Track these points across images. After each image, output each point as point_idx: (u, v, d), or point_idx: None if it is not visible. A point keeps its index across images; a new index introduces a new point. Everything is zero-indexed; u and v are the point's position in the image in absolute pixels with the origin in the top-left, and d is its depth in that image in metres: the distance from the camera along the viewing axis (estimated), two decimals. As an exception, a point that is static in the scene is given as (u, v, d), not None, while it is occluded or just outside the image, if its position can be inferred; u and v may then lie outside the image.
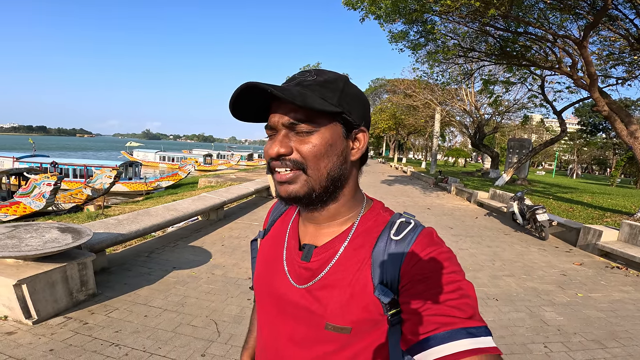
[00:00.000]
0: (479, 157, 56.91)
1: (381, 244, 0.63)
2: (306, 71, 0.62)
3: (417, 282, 0.57)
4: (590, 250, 5.97)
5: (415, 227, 0.64)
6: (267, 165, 0.64)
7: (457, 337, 0.49)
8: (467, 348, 0.48)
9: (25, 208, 9.93)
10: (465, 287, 0.56)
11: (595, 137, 47.46)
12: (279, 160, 0.60)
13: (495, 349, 0.49)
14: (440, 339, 0.50)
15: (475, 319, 0.52)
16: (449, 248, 0.62)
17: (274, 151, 0.59)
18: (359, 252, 0.64)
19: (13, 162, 17.23)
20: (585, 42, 7.96)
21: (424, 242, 0.61)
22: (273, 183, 3.43)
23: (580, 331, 3.17)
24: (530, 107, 18.95)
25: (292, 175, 0.60)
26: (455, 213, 9.35)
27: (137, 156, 35.77)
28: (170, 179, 18.19)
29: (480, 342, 0.49)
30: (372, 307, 0.60)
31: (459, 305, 0.53)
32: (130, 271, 3.89)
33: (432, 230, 0.65)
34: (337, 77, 0.62)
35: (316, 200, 0.63)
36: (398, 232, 0.63)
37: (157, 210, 5.06)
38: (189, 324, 2.86)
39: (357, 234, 0.66)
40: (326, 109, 0.57)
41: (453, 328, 0.50)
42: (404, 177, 21.02)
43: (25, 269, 2.71)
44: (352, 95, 0.63)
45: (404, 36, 11.07)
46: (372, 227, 0.67)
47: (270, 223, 0.83)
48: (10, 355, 2.27)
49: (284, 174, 0.61)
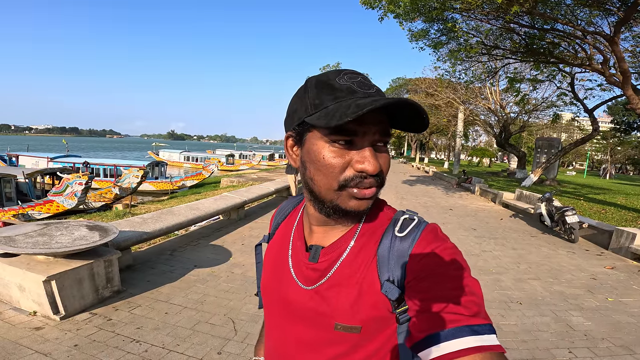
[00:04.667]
0: (504, 157, 55.28)
1: (386, 241, 0.62)
2: (355, 73, 0.60)
3: (422, 279, 0.56)
4: (622, 253, 5.69)
5: (419, 223, 0.63)
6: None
7: (460, 334, 0.49)
8: (470, 346, 0.48)
9: (59, 206, 10.37)
10: (470, 284, 0.55)
11: (630, 136, 45.11)
12: (376, 177, 0.58)
13: (499, 347, 0.48)
14: (443, 336, 0.49)
15: (480, 317, 0.51)
16: (454, 244, 0.61)
17: (377, 168, 0.57)
18: (365, 250, 0.64)
19: (47, 162, 18.06)
20: (617, 38, 7.60)
21: (428, 238, 0.60)
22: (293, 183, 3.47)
23: (608, 337, 3.03)
24: (560, 106, 18.24)
25: (376, 192, 0.60)
26: (478, 214, 9.12)
27: (162, 156, 36.78)
28: (194, 179, 18.59)
29: (484, 340, 0.48)
30: (380, 305, 0.60)
31: (464, 302, 0.52)
32: (153, 269, 4.00)
33: (436, 226, 0.64)
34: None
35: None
36: (402, 229, 0.63)
37: (180, 210, 5.19)
38: (207, 322, 2.92)
39: (362, 232, 0.66)
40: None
41: (457, 325, 0.49)
42: (425, 178, 20.70)
43: (54, 266, 2.84)
44: None
45: (424, 35, 10.87)
46: (377, 225, 0.66)
47: (274, 227, 0.83)
48: (37, 350, 2.37)
49: (371, 190, 0.59)
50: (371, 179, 0.58)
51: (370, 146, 0.57)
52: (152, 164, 18.61)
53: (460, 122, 24.62)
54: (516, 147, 22.11)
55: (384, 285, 0.59)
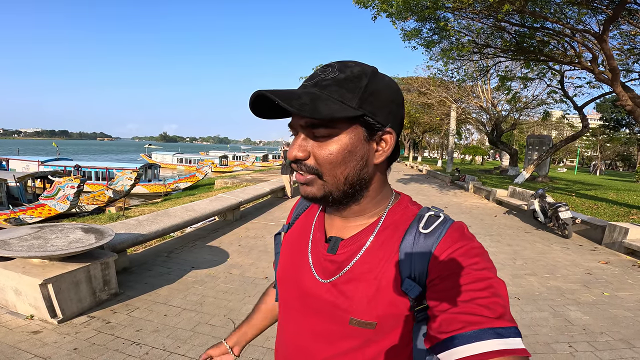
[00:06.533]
0: (496, 155, 55.79)
1: (409, 238, 0.61)
2: (329, 65, 0.59)
3: (445, 278, 0.55)
4: (616, 248, 5.77)
5: (444, 221, 0.62)
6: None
7: (484, 337, 0.47)
8: (493, 349, 0.46)
9: (50, 210, 10.24)
10: (496, 285, 0.53)
11: (619, 133, 45.81)
12: (297, 163, 0.60)
13: (524, 350, 0.47)
14: (466, 338, 0.48)
15: (505, 319, 0.49)
16: (481, 244, 0.59)
17: (291, 155, 0.59)
18: (387, 245, 0.62)
19: (38, 165, 17.81)
20: (606, 36, 7.71)
21: (454, 237, 0.59)
22: (288, 183, 3.50)
23: (607, 330, 3.07)
24: (550, 103, 18.47)
25: (309, 179, 0.60)
26: (473, 211, 9.19)
27: (155, 158, 36.50)
28: (188, 181, 18.47)
29: (508, 344, 0.47)
30: (398, 302, 0.59)
31: (488, 304, 0.50)
32: (150, 271, 3.97)
33: (463, 225, 0.62)
34: (361, 72, 0.58)
35: (335, 202, 0.62)
36: (427, 226, 0.61)
37: (176, 211, 5.15)
38: (207, 323, 2.90)
39: (384, 227, 0.65)
40: (341, 115, 0.54)
41: (480, 327, 0.48)
42: (419, 176, 20.81)
43: (50, 269, 2.80)
44: (378, 92, 0.58)
45: (416, 34, 10.93)
46: (400, 221, 0.65)
47: (294, 217, 0.82)
48: (36, 354, 2.34)
49: (301, 176, 0.61)
50: (299, 165, 0.60)
51: (302, 134, 0.60)
52: (145, 167, 18.44)
53: (453, 120, 24.82)
54: (508, 145, 22.34)
55: (405, 283, 0.58)
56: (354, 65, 0.59)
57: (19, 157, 19.53)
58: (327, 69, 0.59)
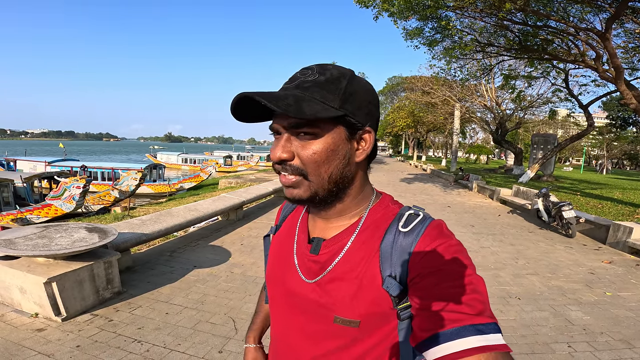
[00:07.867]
0: (501, 154, 55.45)
1: (389, 236, 0.62)
2: (308, 68, 0.61)
3: (425, 276, 0.56)
4: (620, 247, 5.73)
5: (424, 219, 0.63)
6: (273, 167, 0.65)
7: (464, 334, 0.48)
8: (474, 345, 0.47)
9: (57, 210, 10.35)
10: (475, 282, 0.54)
11: (626, 131, 45.29)
12: (281, 164, 0.61)
13: (505, 346, 0.48)
14: (447, 336, 0.49)
15: (485, 315, 0.50)
16: (459, 241, 0.60)
17: (275, 156, 0.59)
18: (367, 245, 0.63)
19: (45, 166, 18.01)
20: (609, 35, 7.65)
21: (432, 234, 0.60)
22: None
23: (607, 331, 3.06)
24: (555, 102, 18.33)
25: (294, 181, 0.60)
26: (476, 211, 9.16)
27: (160, 159, 36.73)
28: (193, 181, 18.57)
29: (489, 340, 0.48)
30: (381, 300, 0.60)
31: (468, 300, 0.51)
32: (153, 270, 4.01)
33: (442, 222, 0.63)
34: (340, 75, 0.60)
35: (321, 202, 0.64)
36: (406, 224, 0.62)
37: (179, 211, 5.20)
38: (208, 321, 2.93)
39: (365, 226, 0.66)
40: (324, 115, 0.55)
41: (461, 325, 0.49)
42: (423, 175, 20.74)
43: (55, 268, 2.84)
44: (357, 94, 0.60)
45: (418, 33, 10.91)
46: (381, 220, 0.66)
47: (281, 219, 0.84)
48: (40, 351, 2.38)
49: (287, 179, 0.61)
50: (283, 167, 0.61)
51: (286, 135, 0.60)
52: (150, 167, 18.57)
53: (457, 119, 24.69)
54: (513, 144, 22.17)
55: (386, 281, 0.59)
56: (332, 67, 0.61)
57: (26, 158, 19.77)
58: (306, 71, 0.61)
